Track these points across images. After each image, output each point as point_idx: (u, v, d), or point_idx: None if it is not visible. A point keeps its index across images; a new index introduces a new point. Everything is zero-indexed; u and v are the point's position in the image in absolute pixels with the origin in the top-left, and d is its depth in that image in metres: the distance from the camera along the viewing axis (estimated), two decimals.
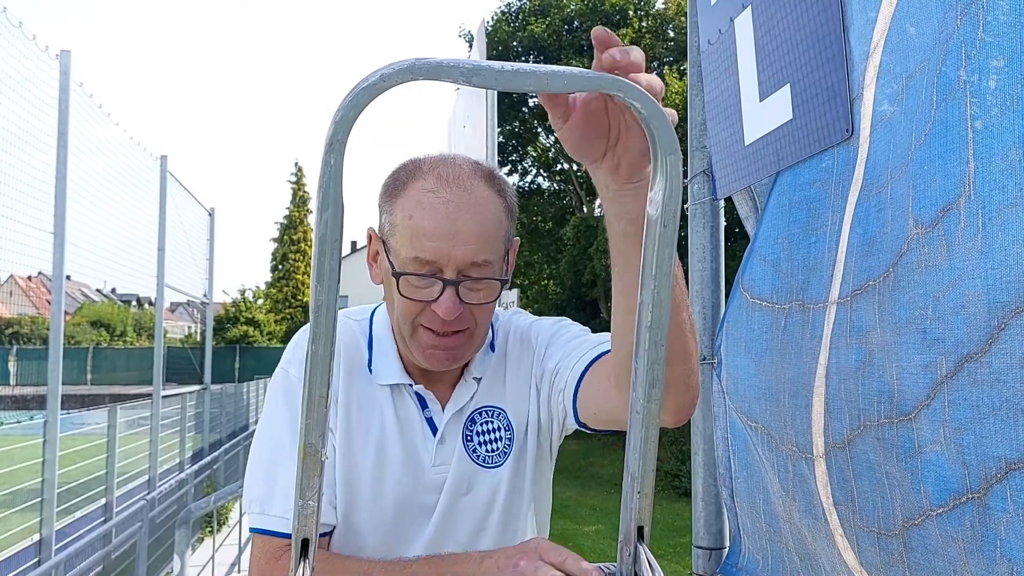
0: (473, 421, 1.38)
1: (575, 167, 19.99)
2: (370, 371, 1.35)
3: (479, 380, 1.38)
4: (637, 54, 0.81)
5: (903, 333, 0.96)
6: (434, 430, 1.36)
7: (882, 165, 1.07)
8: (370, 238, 1.34)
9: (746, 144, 1.51)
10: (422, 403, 1.36)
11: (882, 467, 1.01)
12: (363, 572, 1.20)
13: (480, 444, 1.38)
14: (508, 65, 0.77)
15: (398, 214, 1.27)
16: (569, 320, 1.41)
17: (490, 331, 1.38)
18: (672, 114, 0.82)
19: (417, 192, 1.26)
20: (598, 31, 0.83)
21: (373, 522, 1.33)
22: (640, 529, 0.95)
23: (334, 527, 1.31)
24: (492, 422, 1.39)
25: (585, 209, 20.32)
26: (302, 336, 1.35)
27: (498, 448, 1.38)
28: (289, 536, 1.25)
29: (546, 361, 1.36)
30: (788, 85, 1.34)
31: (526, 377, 1.39)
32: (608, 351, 1.18)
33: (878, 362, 1.01)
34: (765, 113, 1.42)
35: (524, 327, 1.43)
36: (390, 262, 1.26)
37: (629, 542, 0.96)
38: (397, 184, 1.29)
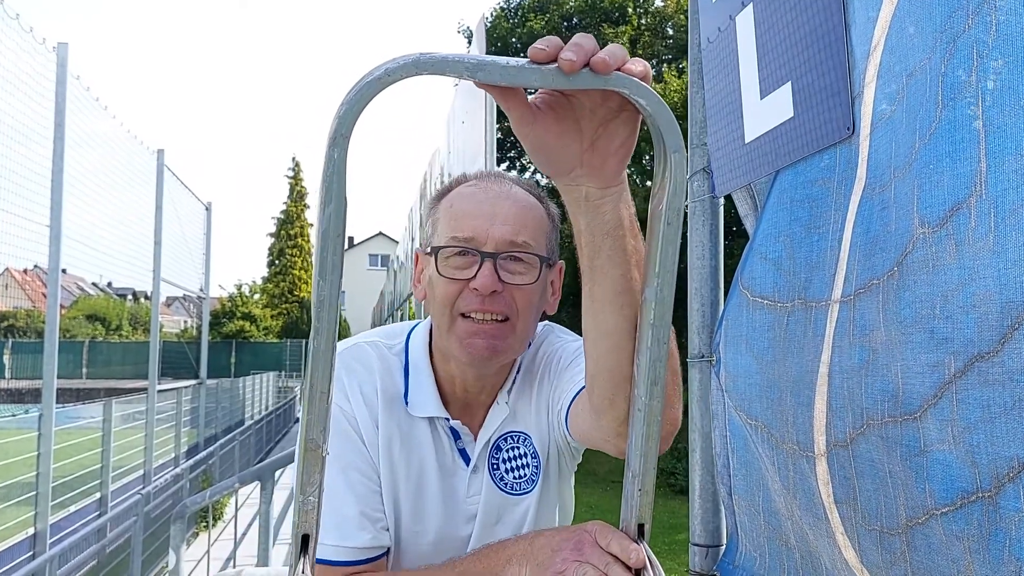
0: (499, 448, 1.37)
1: None
2: (406, 402, 1.33)
3: (509, 404, 1.37)
4: (619, 49, 0.79)
5: (909, 332, 0.96)
6: (467, 460, 1.35)
7: (884, 164, 1.06)
8: (416, 258, 1.35)
9: (746, 142, 1.51)
10: (455, 435, 1.35)
11: (885, 466, 1.01)
12: None
13: (508, 471, 1.37)
14: (513, 60, 0.77)
15: (440, 211, 1.30)
16: None
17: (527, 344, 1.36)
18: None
19: (459, 189, 1.31)
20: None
21: (414, 555, 1.34)
22: (641, 527, 0.95)
23: (388, 548, 1.32)
24: (518, 447, 1.38)
25: None
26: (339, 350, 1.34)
27: (525, 475, 1.37)
28: (342, 563, 1.26)
29: (558, 383, 1.35)
30: (789, 83, 1.34)
31: (545, 400, 1.38)
32: None
33: (882, 361, 1.01)
34: (766, 111, 1.42)
35: (551, 350, 1.41)
36: (431, 252, 1.26)
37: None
38: (442, 191, 1.34)
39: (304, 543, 0.85)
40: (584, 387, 1.22)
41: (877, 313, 1.04)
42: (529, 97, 0.85)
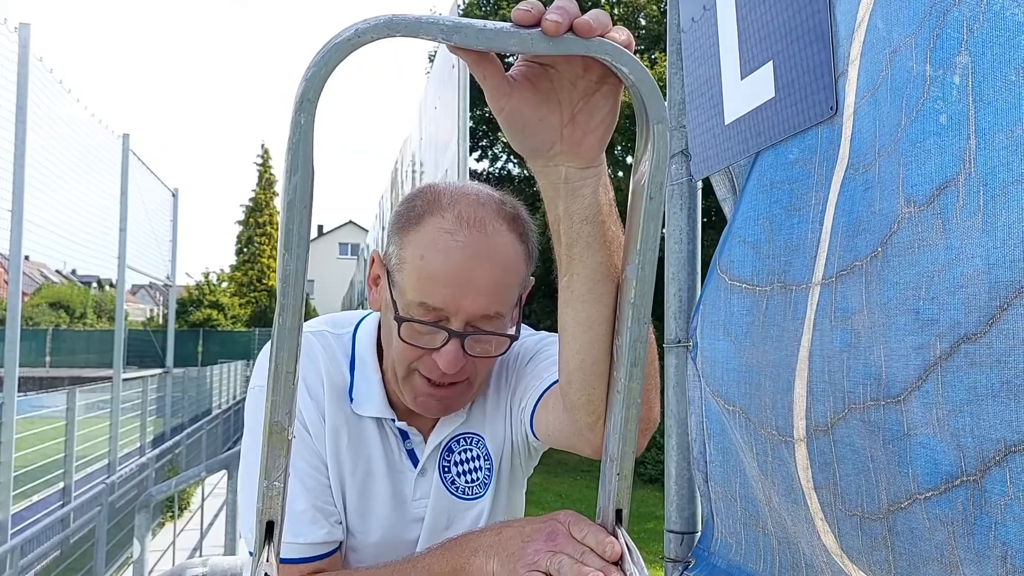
0: (450, 450, 1.31)
1: None
2: (351, 398, 1.27)
3: (466, 408, 1.31)
4: (602, 15, 0.75)
5: (893, 314, 0.94)
6: (415, 462, 1.30)
7: (868, 143, 1.04)
8: (373, 260, 1.26)
9: (726, 124, 1.48)
10: (403, 436, 1.29)
11: (867, 450, 0.99)
12: None
13: (459, 475, 1.31)
14: (490, 24, 0.73)
15: (409, 250, 1.16)
16: (556, 337, 1.31)
17: None
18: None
19: (433, 230, 1.15)
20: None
21: (357, 555, 1.28)
22: (619, 512, 0.92)
23: (341, 542, 1.27)
24: (471, 450, 1.32)
25: None
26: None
27: (478, 479, 1.32)
28: (305, 560, 1.21)
29: (519, 381, 1.30)
30: (771, 63, 1.31)
31: (505, 399, 1.33)
32: None
33: (865, 344, 0.99)
34: (746, 92, 1.39)
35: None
36: (393, 300, 1.17)
37: (607, 526, 0.93)
38: (412, 216, 1.18)
39: (268, 530, 0.81)
40: (551, 385, 1.18)
41: (860, 295, 1.02)
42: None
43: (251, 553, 1.25)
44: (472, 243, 1.14)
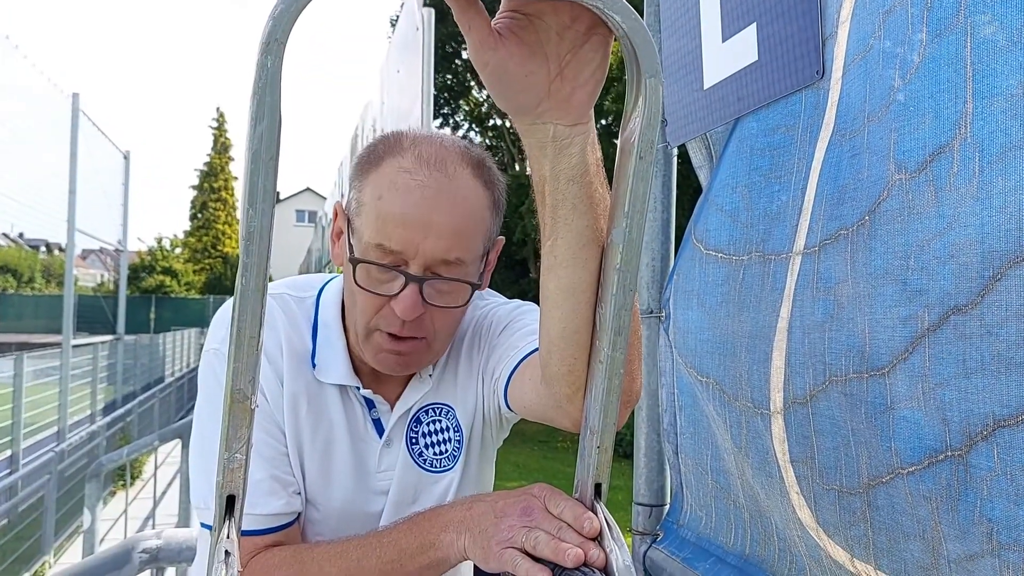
0: (418, 421, 1.27)
1: (508, 123, 19.71)
2: (313, 365, 1.22)
3: (432, 376, 1.27)
4: None
5: (879, 284, 0.91)
6: (380, 431, 1.25)
7: (857, 108, 1.01)
8: (336, 213, 1.21)
9: (705, 88, 1.44)
10: (369, 404, 1.24)
11: (848, 423, 0.97)
12: (337, 553, 1.10)
13: (427, 447, 1.27)
14: None
15: (367, 192, 1.13)
16: (531, 307, 1.27)
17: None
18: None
19: (392, 170, 1.11)
20: None
21: (317, 527, 1.23)
22: (598, 487, 0.88)
23: (300, 512, 1.22)
24: (440, 421, 1.28)
25: (517, 167, 20.15)
26: (227, 312, 1.19)
27: (446, 451, 1.27)
28: (261, 532, 1.15)
29: (492, 351, 1.26)
30: (754, 24, 1.27)
31: (477, 369, 1.28)
32: None
33: (848, 315, 0.97)
34: (727, 55, 1.36)
35: (479, 315, 1.31)
36: (351, 244, 1.12)
37: (585, 501, 0.90)
38: (372, 158, 1.15)
39: (230, 504, 0.76)
40: (527, 355, 1.15)
41: (844, 265, 0.99)
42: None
43: (203, 525, 1.20)
44: (432, 183, 1.10)
